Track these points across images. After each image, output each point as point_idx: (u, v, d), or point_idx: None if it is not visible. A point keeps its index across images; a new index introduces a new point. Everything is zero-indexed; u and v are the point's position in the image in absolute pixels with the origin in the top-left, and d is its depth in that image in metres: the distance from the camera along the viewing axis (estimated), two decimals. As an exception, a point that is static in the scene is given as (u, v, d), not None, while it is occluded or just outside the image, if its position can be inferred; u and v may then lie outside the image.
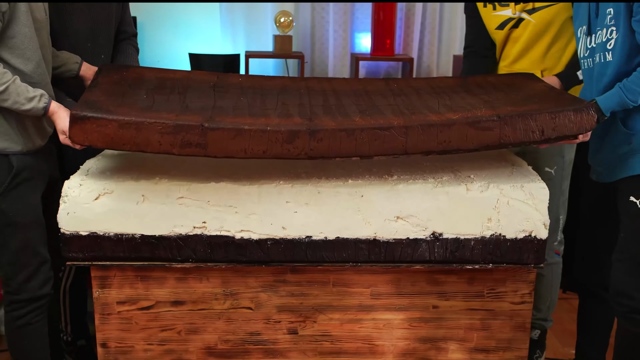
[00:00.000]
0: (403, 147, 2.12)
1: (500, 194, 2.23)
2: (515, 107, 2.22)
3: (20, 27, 2.12)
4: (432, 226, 2.23)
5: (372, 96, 2.42)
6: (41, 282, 2.29)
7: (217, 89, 2.42)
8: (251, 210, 2.20)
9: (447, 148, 2.15)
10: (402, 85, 2.56)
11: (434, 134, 2.12)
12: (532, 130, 2.16)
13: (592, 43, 2.32)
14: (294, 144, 2.08)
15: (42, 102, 2.15)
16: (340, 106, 2.30)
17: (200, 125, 2.05)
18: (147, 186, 2.21)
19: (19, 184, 2.21)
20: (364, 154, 2.13)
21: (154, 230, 2.20)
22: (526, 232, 2.24)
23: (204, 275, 2.31)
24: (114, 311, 2.33)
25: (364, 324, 2.38)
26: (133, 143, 2.06)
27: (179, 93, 2.34)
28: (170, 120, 2.06)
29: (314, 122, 2.12)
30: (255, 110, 2.22)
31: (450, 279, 2.35)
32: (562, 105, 2.21)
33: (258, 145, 2.07)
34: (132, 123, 2.04)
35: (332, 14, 4.42)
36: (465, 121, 2.14)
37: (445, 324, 2.39)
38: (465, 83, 2.56)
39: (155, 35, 4.24)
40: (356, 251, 2.24)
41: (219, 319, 2.35)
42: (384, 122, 2.14)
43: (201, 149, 2.07)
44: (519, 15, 2.68)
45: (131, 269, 2.28)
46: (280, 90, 2.47)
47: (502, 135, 2.15)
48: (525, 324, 2.40)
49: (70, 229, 2.19)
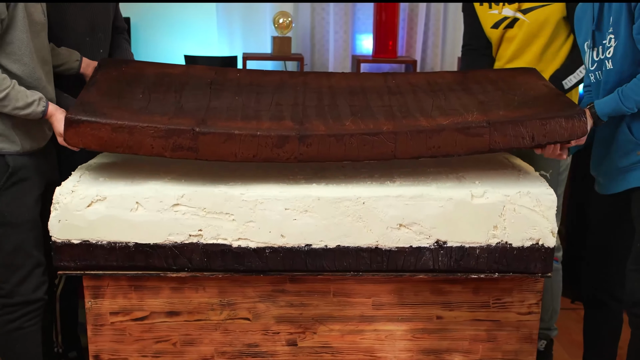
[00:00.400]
0: (392, 153, 2.18)
1: (507, 201, 2.20)
2: (507, 112, 2.24)
3: (18, 32, 2.17)
4: (436, 234, 2.20)
5: (368, 95, 2.44)
6: (34, 285, 2.29)
7: (214, 85, 2.46)
8: (249, 218, 2.18)
9: (436, 153, 2.19)
10: (400, 82, 2.57)
11: (423, 139, 2.17)
12: (522, 137, 2.18)
13: (599, 55, 2.31)
14: (284, 148, 2.15)
15: (41, 105, 2.20)
16: (333, 106, 2.35)
17: (192, 129, 2.13)
18: (141, 193, 2.18)
19: (14, 184, 2.22)
20: (353, 159, 2.19)
21: (149, 239, 2.18)
22: (533, 240, 2.21)
23: (200, 285, 2.28)
24: (107, 322, 2.30)
25: (366, 335, 2.35)
26: (126, 146, 2.14)
27: (176, 91, 2.39)
28: (163, 124, 2.14)
29: (304, 127, 2.19)
30: (248, 112, 2.28)
31: (454, 289, 2.32)
32: (556, 109, 2.23)
33: (248, 150, 2.15)
34: (125, 127, 2.12)
35: (333, 14, 4.40)
36: (454, 127, 2.17)
37: (450, 335, 2.36)
38: (464, 79, 2.57)
39: (149, 36, 4.22)
40: (357, 260, 2.22)
41: (216, 330, 2.33)
42: (373, 126, 2.19)
43: (192, 153, 2.15)
44: (514, 14, 2.71)
45: (125, 278, 2.26)
46: (277, 87, 2.50)
47: (491, 141, 2.18)
48: (532, 335, 2.37)
49: (62, 237, 2.18)
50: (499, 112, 2.25)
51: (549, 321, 2.90)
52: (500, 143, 2.19)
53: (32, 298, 2.29)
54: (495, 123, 2.18)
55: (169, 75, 2.51)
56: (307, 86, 2.52)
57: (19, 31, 2.17)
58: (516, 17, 2.70)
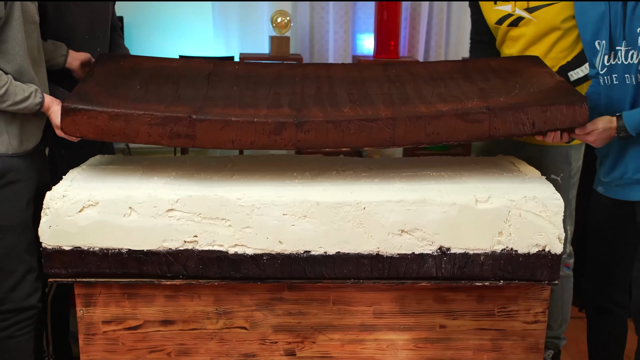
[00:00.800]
0: (391, 139, 2.20)
1: (512, 206, 2.18)
2: (508, 98, 2.26)
3: (13, 32, 2.18)
4: (439, 240, 2.19)
5: (367, 83, 2.47)
6: (27, 292, 2.27)
7: (212, 77, 2.50)
8: (245, 224, 2.17)
9: (435, 140, 2.21)
10: (400, 72, 2.59)
11: (422, 125, 2.19)
12: (522, 123, 2.20)
13: (614, 60, 2.30)
14: (281, 135, 2.17)
15: (37, 97, 2.22)
16: (332, 95, 2.37)
17: (189, 116, 2.16)
18: (134, 198, 2.17)
19: (3, 186, 2.21)
20: (352, 146, 2.21)
21: (142, 245, 2.17)
22: (539, 247, 2.20)
23: (195, 293, 2.27)
24: (99, 331, 2.29)
25: (367, 345, 2.34)
26: (123, 134, 2.18)
27: (173, 82, 2.42)
28: (159, 111, 2.17)
29: (302, 113, 2.21)
30: (245, 101, 2.31)
31: (458, 297, 2.30)
32: (557, 96, 2.24)
33: (245, 136, 2.17)
34: (121, 115, 2.15)
35: (332, 13, 4.38)
36: (454, 113, 2.19)
37: (453, 344, 2.34)
38: (464, 68, 2.58)
39: (143, 36, 4.20)
40: (358, 267, 2.20)
41: (212, 340, 2.31)
42: (372, 113, 2.21)
43: (190, 140, 2.18)
44: (519, 13, 2.71)
45: (117, 286, 2.25)
46: (275, 78, 2.53)
47: (491, 127, 2.20)
48: (539, 345, 2.35)
49: (52, 244, 2.17)
50: (499, 98, 2.26)
51: (558, 330, 2.87)
52: (500, 129, 2.20)
53: (25, 305, 2.27)
54: (495, 109, 2.19)
55: (166, 68, 2.54)
56: (306, 76, 2.55)
57: (14, 30, 2.18)
58: (521, 16, 2.68)
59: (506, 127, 2.20)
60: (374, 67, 2.65)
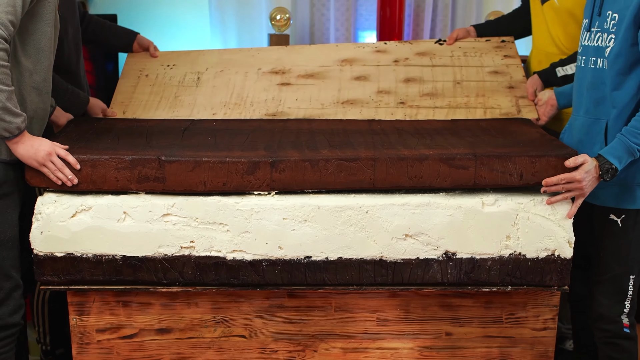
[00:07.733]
0: (371, 181, 2.20)
1: (520, 209, 2.21)
2: (496, 148, 2.26)
3: (43, 24, 2.15)
4: (445, 245, 2.21)
5: (350, 134, 2.47)
6: (12, 309, 2.24)
7: (187, 131, 2.50)
8: (244, 228, 2.18)
9: (418, 184, 2.21)
10: (385, 126, 2.60)
11: (404, 168, 2.19)
12: (509, 173, 2.21)
13: (588, 41, 2.34)
14: (255, 175, 2.18)
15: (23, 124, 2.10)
16: (311, 142, 2.37)
17: (157, 158, 2.17)
18: (128, 202, 2.18)
19: None
20: (329, 187, 2.20)
21: (137, 251, 2.19)
22: (549, 251, 2.22)
23: (192, 300, 2.29)
24: (93, 340, 2.30)
25: (370, 353, 2.36)
26: (90, 181, 2.18)
27: (147, 136, 2.43)
28: (127, 155, 2.18)
29: (277, 154, 2.21)
30: (219, 146, 2.31)
31: (465, 303, 2.32)
32: (547, 149, 2.24)
33: (217, 177, 2.17)
34: (87, 161, 2.16)
35: (333, 10, 4.40)
36: (438, 157, 2.20)
37: (460, 352, 2.36)
38: (453, 126, 2.59)
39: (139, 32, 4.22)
40: (360, 273, 2.22)
41: (210, 349, 2.33)
42: (351, 154, 2.21)
43: (159, 183, 2.18)
44: None
45: (112, 293, 2.26)
46: (254, 129, 2.54)
47: (477, 175, 2.21)
48: (548, 353, 2.37)
49: (44, 250, 2.18)
50: (487, 148, 2.26)
51: None
52: (486, 178, 2.20)
53: (9, 322, 2.24)
54: (482, 156, 2.19)
55: (141, 127, 2.56)
56: (286, 129, 2.55)
57: (44, 23, 2.14)
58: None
59: (492, 175, 2.20)
60: (358, 122, 2.66)
